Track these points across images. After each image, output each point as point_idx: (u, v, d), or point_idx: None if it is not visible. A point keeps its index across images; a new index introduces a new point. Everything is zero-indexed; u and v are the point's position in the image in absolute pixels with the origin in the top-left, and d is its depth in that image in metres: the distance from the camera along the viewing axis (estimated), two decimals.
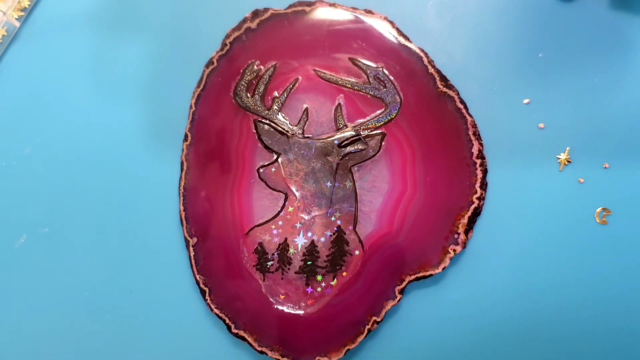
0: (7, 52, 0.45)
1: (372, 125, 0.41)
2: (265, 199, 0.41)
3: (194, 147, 0.42)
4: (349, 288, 0.39)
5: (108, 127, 0.44)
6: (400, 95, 0.41)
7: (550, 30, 0.42)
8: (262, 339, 0.39)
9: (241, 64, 0.42)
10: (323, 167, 0.40)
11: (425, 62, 0.41)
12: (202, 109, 0.42)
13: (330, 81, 0.41)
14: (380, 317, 0.39)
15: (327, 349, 0.39)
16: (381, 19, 0.42)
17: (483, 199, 0.40)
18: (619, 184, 0.40)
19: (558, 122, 0.41)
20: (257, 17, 0.43)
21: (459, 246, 0.39)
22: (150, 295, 0.42)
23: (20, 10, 0.45)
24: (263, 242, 0.40)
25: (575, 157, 0.40)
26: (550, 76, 0.42)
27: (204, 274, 0.40)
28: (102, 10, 0.46)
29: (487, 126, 0.41)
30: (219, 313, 0.40)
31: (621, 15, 0.42)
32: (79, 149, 0.44)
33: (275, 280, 0.40)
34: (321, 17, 0.42)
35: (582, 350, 0.39)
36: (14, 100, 0.45)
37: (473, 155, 0.40)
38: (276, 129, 0.41)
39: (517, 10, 0.43)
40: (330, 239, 0.40)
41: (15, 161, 0.44)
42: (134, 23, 0.45)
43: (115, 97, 0.44)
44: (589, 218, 0.40)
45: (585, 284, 0.39)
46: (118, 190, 0.43)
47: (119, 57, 0.45)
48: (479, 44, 0.42)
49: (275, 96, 0.42)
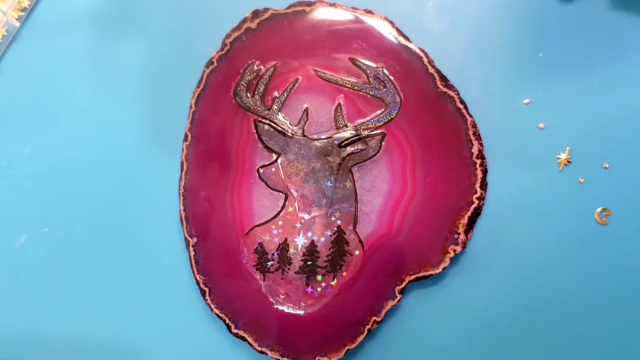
0: (7, 52, 0.46)
1: (372, 125, 0.41)
2: (265, 199, 0.41)
3: (194, 147, 0.42)
4: (349, 288, 0.39)
5: (108, 127, 0.44)
6: (400, 95, 0.41)
7: (550, 30, 0.42)
8: (262, 339, 0.39)
9: (241, 64, 0.42)
10: (323, 167, 0.40)
11: (425, 62, 0.41)
12: (202, 109, 0.42)
13: (330, 81, 0.41)
14: (380, 317, 0.39)
15: (327, 349, 0.39)
16: (381, 19, 0.42)
17: (483, 199, 0.40)
18: (619, 184, 0.40)
19: (558, 122, 0.41)
20: (257, 17, 0.43)
21: (459, 246, 0.39)
22: (151, 295, 0.42)
23: (20, 10, 0.45)
24: (263, 242, 0.40)
25: (575, 157, 0.40)
26: (550, 76, 0.42)
27: (204, 274, 0.40)
28: (102, 10, 0.46)
29: (487, 126, 0.41)
30: (219, 313, 0.40)
31: (621, 15, 0.42)
32: (79, 148, 0.44)
33: (275, 280, 0.40)
34: (321, 17, 0.42)
35: (582, 350, 0.39)
36: (14, 100, 0.45)
37: (473, 155, 0.40)
38: (276, 129, 0.41)
39: (517, 10, 0.43)
40: (330, 239, 0.40)
41: (15, 161, 0.44)
42: (133, 23, 0.45)
43: (115, 97, 0.44)
44: (589, 218, 0.40)
45: (585, 284, 0.39)
46: (118, 190, 0.43)
47: (118, 57, 0.45)
48: (479, 44, 0.42)
49: (275, 96, 0.42)
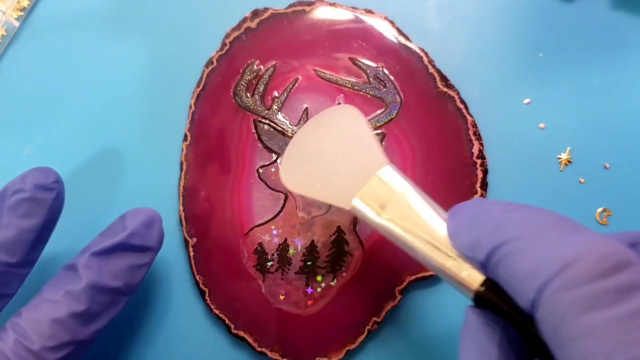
0: (6, 52, 0.45)
1: (372, 125, 0.41)
2: (265, 199, 0.41)
3: (193, 147, 0.42)
4: (349, 288, 0.39)
5: (107, 126, 0.44)
6: (400, 95, 0.41)
7: (551, 30, 0.42)
8: (262, 339, 0.39)
9: (241, 63, 0.42)
10: None
11: (426, 61, 0.41)
12: (202, 108, 0.42)
13: (330, 81, 0.41)
14: (380, 318, 0.39)
15: (327, 350, 0.39)
16: (381, 19, 0.42)
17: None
18: (619, 184, 0.40)
19: (559, 122, 0.41)
20: (256, 16, 0.43)
21: None
22: (150, 295, 0.42)
23: (20, 10, 0.45)
24: (263, 242, 0.40)
25: (575, 157, 0.40)
26: (551, 76, 0.42)
27: (204, 274, 0.40)
28: (101, 10, 0.46)
29: (487, 126, 0.41)
30: (219, 313, 0.40)
31: (621, 15, 0.42)
32: (79, 148, 0.44)
33: (275, 281, 0.40)
34: (321, 16, 0.42)
35: None
36: (14, 100, 0.45)
37: (473, 155, 0.40)
38: (276, 129, 0.41)
39: (518, 10, 0.43)
40: (330, 240, 0.40)
41: (15, 161, 0.44)
42: (133, 23, 0.45)
43: (115, 97, 0.44)
44: (590, 218, 0.40)
45: None
46: (117, 190, 0.43)
47: (118, 57, 0.45)
48: (479, 43, 0.42)
49: (275, 96, 0.42)
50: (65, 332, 0.32)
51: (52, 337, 0.32)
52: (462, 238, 0.27)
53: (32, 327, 0.32)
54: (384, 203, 0.31)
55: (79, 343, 0.33)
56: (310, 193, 0.35)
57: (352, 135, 0.35)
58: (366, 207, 0.32)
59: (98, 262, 0.34)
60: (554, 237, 0.23)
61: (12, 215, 0.33)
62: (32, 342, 0.31)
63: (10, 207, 0.33)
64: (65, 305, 0.32)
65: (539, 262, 0.22)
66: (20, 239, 0.34)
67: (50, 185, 0.34)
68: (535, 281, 0.22)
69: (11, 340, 0.32)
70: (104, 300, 0.33)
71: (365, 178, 0.32)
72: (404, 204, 0.31)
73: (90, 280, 0.33)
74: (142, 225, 0.35)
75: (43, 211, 0.34)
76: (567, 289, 0.21)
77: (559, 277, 0.21)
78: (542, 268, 0.22)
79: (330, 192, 0.34)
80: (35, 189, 0.34)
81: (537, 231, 0.24)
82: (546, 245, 0.23)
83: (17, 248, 0.34)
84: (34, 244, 0.34)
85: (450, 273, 0.27)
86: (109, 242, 0.34)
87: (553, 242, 0.23)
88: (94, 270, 0.33)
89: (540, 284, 0.22)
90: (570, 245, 0.22)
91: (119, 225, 0.35)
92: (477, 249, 0.25)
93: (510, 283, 0.24)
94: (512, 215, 0.25)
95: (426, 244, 0.29)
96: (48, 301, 0.33)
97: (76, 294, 0.32)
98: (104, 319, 0.34)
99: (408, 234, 0.30)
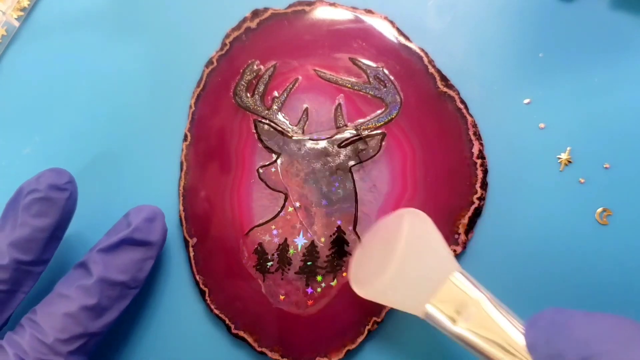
0: (6, 52, 0.45)
1: (372, 125, 0.41)
2: (265, 199, 0.41)
3: (193, 147, 0.42)
4: (349, 288, 0.39)
5: (107, 127, 0.44)
6: (400, 95, 0.41)
7: (551, 30, 0.42)
8: (262, 339, 0.39)
9: (241, 63, 0.42)
10: (323, 167, 0.40)
11: (426, 61, 0.41)
12: (202, 108, 0.42)
13: (330, 81, 0.41)
14: (380, 318, 0.39)
15: (327, 350, 0.39)
16: (381, 19, 0.42)
17: (483, 199, 0.39)
18: (619, 184, 0.40)
19: (559, 122, 0.41)
20: (256, 16, 0.43)
21: (459, 246, 0.39)
22: (150, 295, 0.42)
23: (20, 10, 0.45)
24: (263, 242, 0.40)
25: (576, 157, 0.40)
26: (551, 76, 0.42)
27: (204, 274, 0.40)
28: (101, 10, 0.46)
29: (487, 126, 0.41)
30: (219, 313, 0.40)
31: (621, 15, 0.42)
32: (79, 148, 0.44)
33: (275, 281, 0.40)
34: (321, 16, 0.42)
35: None
36: (14, 100, 0.45)
37: (473, 155, 0.40)
38: (276, 129, 0.41)
39: (517, 10, 0.43)
40: (330, 239, 0.40)
41: (15, 161, 0.44)
42: (133, 23, 0.45)
43: (115, 97, 0.44)
44: (590, 218, 0.40)
45: (585, 284, 0.39)
46: (117, 190, 0.43)
47: (118, 57, 0.45)
48: (479, 43, 0.42)
49: (275, 96, 0.42)
50: (77, 325, 0.33)
51: (64, 330, 0.33)
52: (542, 351, 0.27)
53: (46, 322, 0.33)
54: (458, 309, 0.31)
55: (90, 335, 0.34)
56: (381, 299, 0.35)
57: (420, 239, 0.34)
58: (440, 314, 0.32)
59: (106, 257, 0.35)
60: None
61: (26, 215, 0.35)
62: (46, 336, 0.33)
63: (25, 206, 0.35)
64: (77, 300, 0.34)
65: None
66: (34, 237, 0.35)
67: (64, 186, 0.36)
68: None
69: (27, 335, 0.33)
70: (113, 294, 0.35)
71: (436, 284, 0.32)
72: (479, 311, 0.30)
73: (99, 275, 0.34)
74: (145, 221, 0.36)
75: (56, 211, 0.35)
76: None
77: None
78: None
79: (401, 299, 0.34)
80: (49, 189, 0.35)
81: (623, 347, 0.23)
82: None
83: (31, 246, 0.35)
84: (47, 243, 0.35)
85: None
86: (115, 238, 0.35)
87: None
88: (102, 266, 0.35)
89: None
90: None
91: (123, 222, 0.37)
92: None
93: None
94: (595, 328, 0.25)
95: (505, 353, 0.29)
96: (61, 296, 0.34)
97: (87, 289, 0.34)
98: (114, 312, 0.35)
99: (486, 342, 0.30)
